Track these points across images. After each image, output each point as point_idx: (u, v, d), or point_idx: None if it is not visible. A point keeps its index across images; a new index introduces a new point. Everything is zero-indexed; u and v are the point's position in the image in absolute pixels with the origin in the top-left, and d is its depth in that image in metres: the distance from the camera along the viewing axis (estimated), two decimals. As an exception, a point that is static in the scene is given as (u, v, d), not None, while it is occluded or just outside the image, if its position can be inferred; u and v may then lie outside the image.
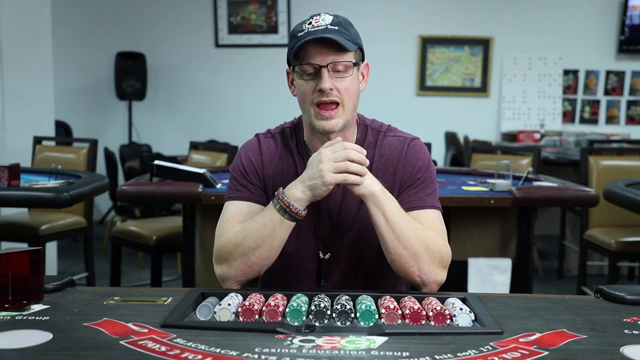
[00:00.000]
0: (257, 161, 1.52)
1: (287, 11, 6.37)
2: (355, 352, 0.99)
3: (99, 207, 6.20)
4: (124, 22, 6.48)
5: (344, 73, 1.41)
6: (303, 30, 1.41)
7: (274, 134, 1.56)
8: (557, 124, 6.39)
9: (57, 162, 3.51)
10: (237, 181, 1.52)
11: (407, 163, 1.49)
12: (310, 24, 1.41)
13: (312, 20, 1.42)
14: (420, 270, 1.37)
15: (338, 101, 1.41)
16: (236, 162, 1.55)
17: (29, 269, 1.19)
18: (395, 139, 1.52)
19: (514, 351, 1.00)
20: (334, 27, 1.40)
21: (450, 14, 6.39)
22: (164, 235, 3.43)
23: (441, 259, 1.40)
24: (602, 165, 3.68)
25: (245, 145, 1.57)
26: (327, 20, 1.41)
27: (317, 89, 1.39)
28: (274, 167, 1.52)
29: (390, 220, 1.36)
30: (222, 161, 3.89)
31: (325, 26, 1.40)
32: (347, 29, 1.43)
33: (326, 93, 1.39)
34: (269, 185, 1.52)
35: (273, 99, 6.47)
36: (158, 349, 0.99)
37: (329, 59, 1.39)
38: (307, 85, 1.41)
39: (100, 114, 6.55)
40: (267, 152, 1.53)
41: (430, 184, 1.49)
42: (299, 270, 1.54)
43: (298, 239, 1.49)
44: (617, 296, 1.29)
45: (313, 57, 1.39)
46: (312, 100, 1.41)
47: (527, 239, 2.76)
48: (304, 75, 1.42)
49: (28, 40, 4.24)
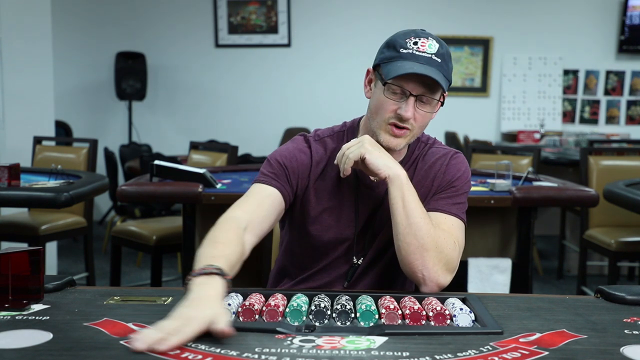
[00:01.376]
0: (302, 160, 1.51)
1: (287, 11, 6.37)
2: (355, 352, 0.99)
3: (99, 207, 6.20)
4: (124, 22, 6.48)
5: (428, 107, 1.42)
6: (407, 49, 1.39)
7: (323, 137, 1.56)
8: (557, 124, 6.39)
9: (57, 162, 3.51)
10: (272, 168, 1.50)
11: (448, 171, 1.51)
12: (417, 45, 1.39)
13: (418, 42, 1.40)
14: (424, 265, 1.37)
15: (410, 128, 1.42)
16: (281, 152, 1.53)
17: (29, 268, 1.19)
18: (440, 150, 1.55)
19: (514, 351, 1.00)
20: (437, 60, 1.39)
21: (450, 14, 6.39)
22: (164, 235, 3.43)
23: (447, 261, 1.39)
24: (602, 165, 3.68)
25: (294, 141, 1.56)
26: (432, 49, 1.39)
27: (398, 112, 1.40)
28: (321, 169, 1.52)
29: (407, 205, 1.37)
30: (222, 161, 3.89)
31: (431, 56, 1.39)
32: (447, 63, 1.42)
33: (405, 120, 1.41)
34: (312, 186, 1.51)
35: (273, 99, 6.48)
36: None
37: (421, 90, 1.39)
38: (389, 104, 1.41)
39: (100, 114, 6.55)
40: (318, 155, 1.53)
41: (461, 195, 1.51)
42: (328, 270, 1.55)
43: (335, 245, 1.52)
44: (617, 296, 1.29)
45: (407, 84, 1.39)
46: (387, 118, 1.42)
47: (527, 239, 2.76)
48: (390, 93, 1.41)
49: (28, 40, 4.23)
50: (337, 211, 1.51)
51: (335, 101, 6.35)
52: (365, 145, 1.38)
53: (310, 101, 6.44)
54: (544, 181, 2.95)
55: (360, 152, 1.37)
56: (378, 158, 1.38)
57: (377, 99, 1.44)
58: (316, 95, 6.40)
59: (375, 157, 1.38)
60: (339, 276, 1.54)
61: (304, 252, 1.56)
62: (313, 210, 1.51)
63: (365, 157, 1.37)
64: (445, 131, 5.87)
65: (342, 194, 1.51)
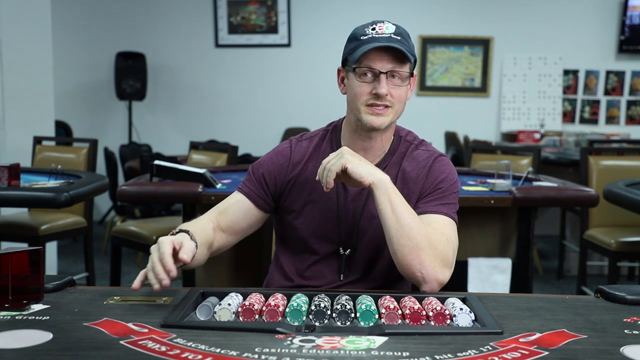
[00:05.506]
0: (280, 163, 1.59)
1: (287, 11, 6.37)
2: (355, 352, 0.99)
3: (99, 207, 6.20)
4: (124, 22, 6.48)
5: (400, 82, 1.47)
6: (366, 35, 1.46)
7: (307, 138, 1.63)
8: (557, 124, 6.39)
9: (57, 162, 3.51)
10: (247, 176, 1.61)
11: (431, 174, 1.54)
12: (374, 30, 1.46)
13: (375, 27, 1.47)
14: (421, 264, 1.38)
15: (389, 105, 1.47)
16: (260, 159, 1.63)
17: (29, 268, 1.19)
18: (424, 152, 1.58)
19: (514, 351, 1.00)
20: (397, 37, 1.45)
21: (450, 14, 6.39)
22: (164, 235, 3.42)
23: (443, 257, 1.40)
24: (602, 165, 3.68)
25: (278, 145, 1.65)
26: (390, 29, 1.47)
27: (374, 92, 1.45)
28: (300, 168, 1.58)
29: (395, 209, 1.39)
30: (222, 161, 3.89)
31: (389, 35, 1.45)
32: (407, 40, 1.48)
33: (382, 98, 1.45)
34: (292, 184, 1.58)
35: (273, 99, 6.48)
36: (158, 349, 0.99)
37: (389, 66, 1.45)
38: (363, 87, 1.46)
39: (100, 114, 6.55)
40: (298, 155, 1.59)
41: (449, 196, 1.52)
42: (321, 263, 1.58)
43: (322, 236, 1.56)
44: (617, 296, 1.29)
45: (374, 63, 1.44)
46: (364, 100, 1.47)
47: (527, 239, 2.76)
48: (361, 77, 1.46)
49: (28, 40, 4.23)
50: (320, 204, 1.55)
51: (335, 101, 6.31)
52: (346, 156, 1.39)
53: (310, 101, 6.44)
54: (544, 181, 2.94)
55: (341, 163, 1.38)
56: (359, 166, 1.39)
57: (352, 88, 1.50)
58: (316, 95, 6.40)
59: (357, 166, 1.39)
60: (333, 269, 1.58)
61: (295, 247, 1.61)
62: (296, 204, 1.57)
63: (347, 167, 1.38)
64: (445, 131, 5.87)
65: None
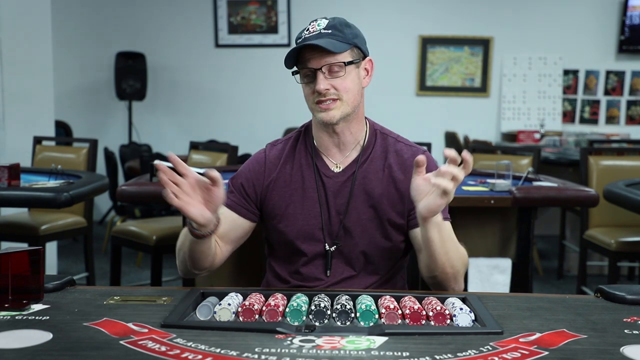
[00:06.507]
0: (256, 170, 1.62)
1: (287, 11, 6.37)
2: (355, 352, 0.99)
3: (99, 207, 6.20)
4: (124, 22, 6.48)
5: (340, 72, 1.49)
6: (301, 37, 1.51)
7: (281, 142, 1.66)
8: (557, 124, 6.39)
9: (57, 162, 3.51)
10: (229, 188, 1.61)
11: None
12: (307, 30, 1.51)
13: (309, 27, 1.51)
14: (456, 284, 1.48)
15: (336, 97, 1.49)
16: (237, 171, 1.65)
17: (29, 268, 1.19)
18: (407, 148, 1.60)
19: (514, 351, 1.00)
20: (327, 31, 1.48)
21: (450, 14, 6.39)
22: (164, 235, 3.43)
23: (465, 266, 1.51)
24: (602, 165, 3.68)
25: (252, 156, 1.67)
26: (321, 25, 1.49)
27: (315, 90, 1.49)
28: (277, 170, 1.60)
29: (445, 243, 1.42)
30: (222, 161, 3.89)
31: (319, 31, 1.48)
32: (342, 30, 1.50)
33: (323, 94, 1.48)
34: (271, 188, 1.59)
35: (273, 99, 6.48)
36: (158, 349, 0.99)
37: (323, 62, 1.47)
38: (308, 88, 1.51)
39: (100, 114, 6.55)
40: (273, 158, 1.62)
41: None
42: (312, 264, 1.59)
43: (307, 236, 1.56)
44: (617, 296, 1.29)
45: (309, 62, 1.49)
46: (312, 100, 1.52)
47: (527, 239, 2.76)
48: (304, 78, 1.52)
49: (28, 40, 4.23)
50: (301, 204, 1.57)
51: (335, 101, 6.34)
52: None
53: (310, 101, 6.43)
54: (544, 181, 2.94)
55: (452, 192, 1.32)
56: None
57: (303, 91, 1.54)
58: (316, 95, 6.39)
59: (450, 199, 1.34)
60: (321, 268, 1.58)
61: (283, 251, 1.62)
62: (278, 208, 1.58)
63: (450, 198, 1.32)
64: (445, 131, 5.86)
65: (304, 187, 1.57)
